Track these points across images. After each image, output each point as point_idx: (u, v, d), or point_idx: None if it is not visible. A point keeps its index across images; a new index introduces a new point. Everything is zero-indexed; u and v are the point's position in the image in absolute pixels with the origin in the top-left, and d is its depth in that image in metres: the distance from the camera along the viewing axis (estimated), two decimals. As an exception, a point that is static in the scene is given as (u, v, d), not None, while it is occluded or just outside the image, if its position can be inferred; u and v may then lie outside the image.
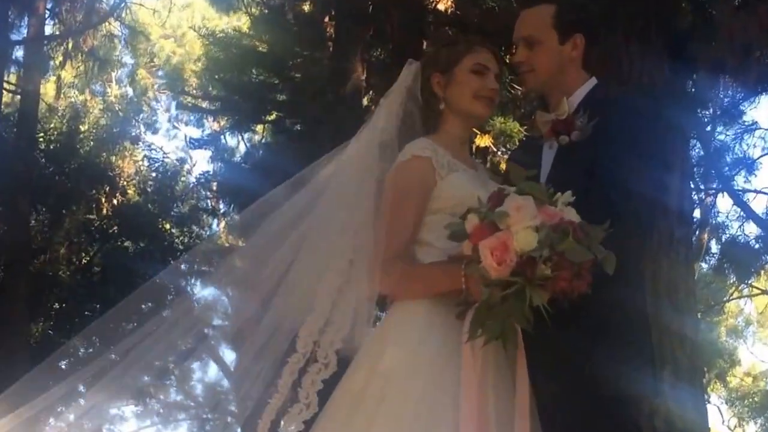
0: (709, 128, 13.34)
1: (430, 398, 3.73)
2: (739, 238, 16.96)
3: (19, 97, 19.27)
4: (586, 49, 4.22)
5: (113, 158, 20.58)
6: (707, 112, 12.26)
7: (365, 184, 4.23)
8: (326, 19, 13.87)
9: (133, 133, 23.39)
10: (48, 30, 19.73)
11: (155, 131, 28.97)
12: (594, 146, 3.89)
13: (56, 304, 19.67)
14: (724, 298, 24.40)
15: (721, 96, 11.38)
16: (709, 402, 26.77)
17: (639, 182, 3.79)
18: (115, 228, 19.96)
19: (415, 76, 4.35)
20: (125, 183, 20.42)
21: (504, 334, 3.46)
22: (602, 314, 3.66)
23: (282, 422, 4.05)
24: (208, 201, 22.33)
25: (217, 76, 16.30)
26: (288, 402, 4.08)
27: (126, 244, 20.20)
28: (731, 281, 21.34)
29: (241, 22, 19.94)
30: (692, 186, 12.55)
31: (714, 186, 15.36)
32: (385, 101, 4.36)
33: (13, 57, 19.13)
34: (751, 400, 29.84)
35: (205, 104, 20.54)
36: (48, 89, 23.28)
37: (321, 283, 4.14)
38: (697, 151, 13.09)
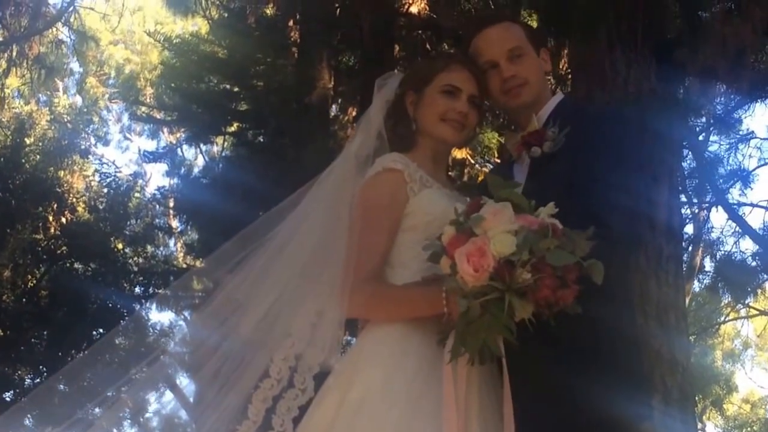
0: (701, 137, 13.41)
1: (405, 430, 3.69)
2: (735, 255, 17.03)
3: (-41, 108, 19.21)
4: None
5: (61, 173, 20.41)
6: (700, 121, 12.32)
7: (341, 203, 4.21)
8: (290, 23, 13.86)
9: (83, 146, 23.21)
10: (-10, 36, 19.65)
11: (106, 144, 29.02)
12: (571, 158, 3.92)
13: (0, 331, 19.52)
14: (720, 320, 24.45)
15: (715, 103, 11.45)
16: None
17: (623, 196, 3.82)
18: (64, 248, 19.78)
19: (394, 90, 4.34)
20: (74, 200, 20.25)
21: (486, 347, 3.44)
22: (587, 337, 3.67)
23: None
24: (164, 218, 22.25)
25: (173, 84, 16.19)
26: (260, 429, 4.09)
27: (75, 265, 19.99)
28: (727, 301, 21.43)
29: (198, 26, 19.91)
30: (684, 199, 12.64)
31: (707, 199, 15.42)
32: (365, 117, 4.35)
33: (-47, 65, 19.07)
34: (749, 429, 29.90)
35: (160, 114, 20.36)
36: (-9, 99, 23.18)
37: (301, 307, 4.15)
38: (689, 162, 13.17)
